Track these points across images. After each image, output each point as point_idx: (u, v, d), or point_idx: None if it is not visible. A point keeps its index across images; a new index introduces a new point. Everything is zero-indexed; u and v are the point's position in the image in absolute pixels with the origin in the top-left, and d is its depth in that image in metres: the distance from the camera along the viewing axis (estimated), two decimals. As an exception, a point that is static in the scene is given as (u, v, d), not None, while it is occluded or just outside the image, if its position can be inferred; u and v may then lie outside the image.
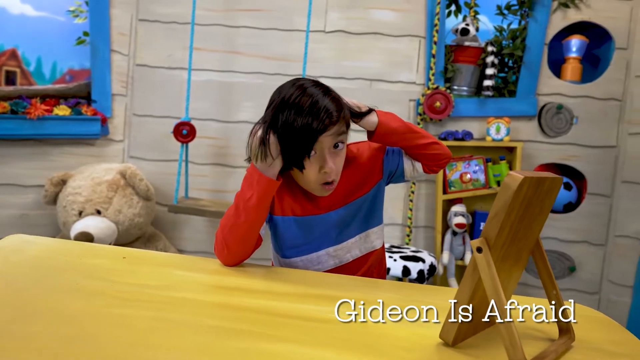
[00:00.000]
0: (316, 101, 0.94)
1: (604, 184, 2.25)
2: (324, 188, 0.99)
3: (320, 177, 0.97)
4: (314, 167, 0.96)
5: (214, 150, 2.37)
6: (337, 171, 0.99)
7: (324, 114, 0.93)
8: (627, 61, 2.20)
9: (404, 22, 2.28)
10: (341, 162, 0.99)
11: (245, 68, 2.34)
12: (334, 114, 0.94)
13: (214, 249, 0.99)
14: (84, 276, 0.80)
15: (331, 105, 0.94)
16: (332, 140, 0.96)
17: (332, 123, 0.93)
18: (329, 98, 0.95)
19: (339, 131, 0.96)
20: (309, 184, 1.00)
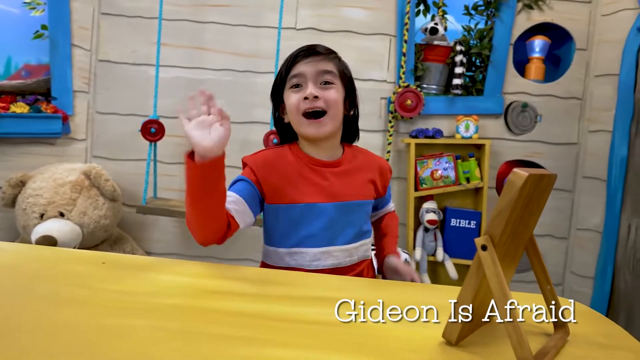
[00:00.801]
0: (312, 44, 1.04)
1: (566, 179, 2.33)
2: (310, 124, 0.99)
3: (302, 104, 0.98)
4: (298, 96, 1.00)
5: (183, 149, 2.30)
6: (326, 101, 0.99)
7: (310, 46, 1.02)
8: (587, 61, 2.29)
9: (374, 21, 2.28)
10: (331, 95, 0.99)
11: (214, 65, 2.28)
12: (320, 47, 1.01)
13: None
14: (64, 284, 0.76)
15: (321, 45, 1.02)
16: (314, 70, 0.99)
17: (314, 53, 1.00)
18: (324, 46, 1.04)
19: (325, 67, 1.00)
20: (294, 116, 1.01)
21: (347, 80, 1.05)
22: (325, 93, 0.99)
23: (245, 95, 2.29)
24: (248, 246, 2.32)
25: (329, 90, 1.00)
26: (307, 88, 0.99)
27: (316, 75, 0.99)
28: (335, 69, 1.02)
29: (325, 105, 0.99)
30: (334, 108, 1.00)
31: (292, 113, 1.02)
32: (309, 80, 0.99)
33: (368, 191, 1.09)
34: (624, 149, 2.14)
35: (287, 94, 1.04)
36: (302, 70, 1.00)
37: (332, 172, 1.06)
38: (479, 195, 2.27)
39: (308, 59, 0.99)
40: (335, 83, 1.01)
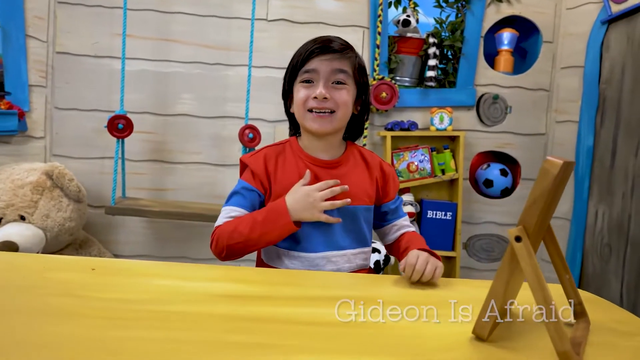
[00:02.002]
0: (327, 36, 1.00)
1: (535, 169, 2.39)
2: (313, 117, 0.97)
3: (310, 102, 0.96)
4: (308, 92, 0.96)
5: (151, 146, 2.20)
6: (335, 102, 0.97)
7: (324, 40, 0.98)
8: (553, 54, 2.35)
9: (347, 12, 2.25)
10: (342, 96, 0.97)
11: (182, 57, 2.19)
12: (336, 43, 0.97)
13: (210, 244, 0.99)
14: (53, 294, 0.68)
15: (337, 38, 0.98)
16: (328, 69, 0.96)
17: (331, 49, 0.96)
18: (341, 38, 0.99)
19: (339, 66, 0.96)
20: (299, 111, 0.99)
21: (361, 78, 1.02)
22: (335, 94, 0.97)
23: (217, 89, 2.21)
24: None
25: (339, 91, 0.97)
26: (318, 87, 0.96)
27: (329, 74, 0.96)
28: (349, 68, 0.98)
29: (334, 106, 0.97)
30: (342, 109, 0.98)
31: (297, 107, 1.00)
32: (321, 79, 0.96)
33: (367, 196, 1.04)
34: (590, 139, 2.21)
35: (297, 88, 1.00)
36: (316, 67, 0.96)
37: (332, 173, 1.03)
38: (454, 186, 2.29)
39: (323, 55, 0.96)
40: (348, 83, 0.99)
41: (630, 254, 2.03)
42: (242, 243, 0.96)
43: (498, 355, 0.60)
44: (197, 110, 2.21)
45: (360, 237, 1.04)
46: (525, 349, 0.62)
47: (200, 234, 2.24)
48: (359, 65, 1.01)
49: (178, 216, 1.90)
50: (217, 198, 2.22)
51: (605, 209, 2.16)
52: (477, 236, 2.39)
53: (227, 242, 0.97)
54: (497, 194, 2.38)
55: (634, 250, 2.01)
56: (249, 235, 0.95)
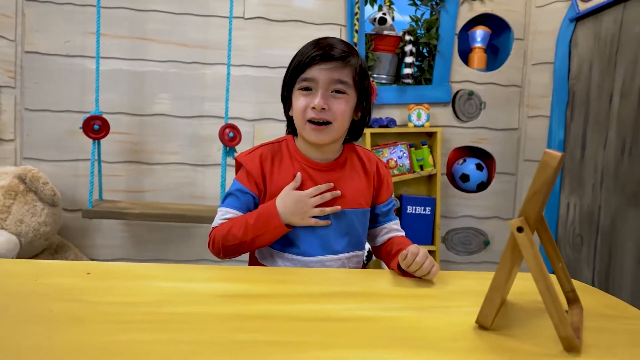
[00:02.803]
0: (325, 39, 0.97)
1: (509, 163, 2.46)
2: (312, 129, 0.96)
3: (309, 112, 0.95)
4: (306, 101, 0.95)
5: (127, 147, 2.16)
6: (333, 114, 0.95)
7: (326, 46, 0.94)
8: (524, 51, 2.42)
9: (324, 10, 2.26)
10: (340, 107, 0.96)
11: (158, 56, 2.15)
12: (338, 49, 0.94)
13: (208, 244, 0.99)
14: (54, 300, 0.67)
15: (339, 43, 0.95)
16: (327, 79, 0.94)
17: (331, 57, 0.93)
18: (343, 42, 0.96)
19: (339, 77, 0.94)
20: (298, 121, 0.98)
21: (362, 83, 0.99)
22: (334, 104, 0.95)
23: (194, 88, 2.18)
24: (203, 246, 2.21)
25: (338, 101, 0.95)
26: (316, 96, 0.94)
27: (328, 83, 0.94)
28: (349, 77, 0.96)
29: (331, 117, 0.95)
30: (339, 121, 0.97)
31: (296, 116, 0.98)
32: (320, 88, 0.94)
33: (364, 200, 1.04)
34: (560, 133, 2.29)
35: (296, 95, 0.98)
36: (315, 76, 0.94)
37: (328, 176, 1.02)
38: (432, 181, 2.33)
39: (324, 64, 0.93)
40: (347, 92, 0.97)
41: (601, 243, 2.12)
42: (236, 245, 0.96)
43: (503, 343, 0.61)
44: (175, 109, 2.18)
45: (355, 241, 1.04)
46: (527, 336, 0.64)
47: (180, 235, 2.21)
48: (361, 69, 0.98)
49: (159, 218, 1.87)
50: (197, 198, 2.19)
51: (577, 200, 2.24)
52: (455, 230, 2.44)
53: (222, 244, 0.97)
54: (474, 188, 2.43)
55: (604, 240, 2.09)
56: (242, 238, 0.95)
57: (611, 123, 2.10)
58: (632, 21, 2.02)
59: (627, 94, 2.03)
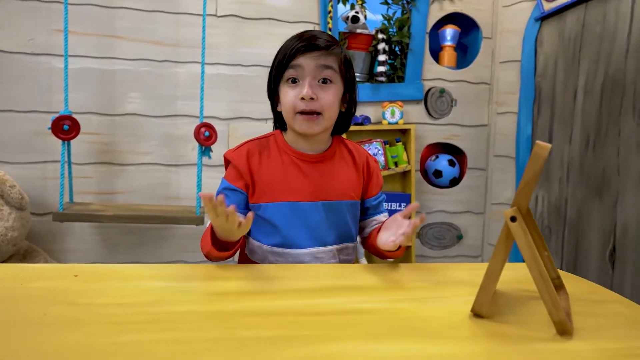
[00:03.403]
0: (310, 31, 0.98)
1: (480, 159, 2.52)
2: (303, 119, 0.96)
3: (298, 103, 0.94)
4: (295, 93, 0.95)
5: (98, 148, 2.10)
6: (321, 104, 0.95)
7: (310, 37, 0.95)
8: (492, 49, 2.49)
9: (297, 8, 2.26)
10: (328, 97, 0.96)
11: (128, 54, 2.10)
12: (321, 39, 0.95)
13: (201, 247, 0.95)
14: (45, 303, 0.64)
15: (322, 34, 0.96)
16: (314, 65, 0.94)
17: (316, 47, 0.94)
18: (326, 33, 0.97)
19: (326, 63, 0.95)
20: (288, 113, 0.97)
21: (347, 72, 1.00)
22: (321, 95, 0.95)
23: (166, 87, 2.14)
24: (181, 247, 2.19)
25: (326, 90, 0.95)
26: (304, 86, 0.94)
27: (315, 71, 0.94)
28: (335, 64, 0.96)
29: (320, 108, 0.95)
30: (328, 111, 0.97)
31: (286, 109, 0.98)
32: (307, 76, 0.94)
33: (353, 191, 1.05)
34: (528, 128, 2.37)
35: (283, 88, 0.98)
36: (301, 63, 0.94)
37: (317, 168, 1.02)
38: (406, 178, 2.37)
39: (309, 53, 0.94)
40: (334, 80, 0.97)
41: (568, 234, 2.20)
42: (206, 255, 0.95)
43: (499, 329, 0.63)
44: (146, 109, 2.13)
45: (346, 233, 1.05)
46: (521, 322, 0.66)
47: (154, 237, 2.17)
48: (345, 60, 1.00)
49: (134, 219, 1.82)
50: (171, 199, 2.16)
51: (545, 193, 2.32)
52: (429, 225, 2.48)
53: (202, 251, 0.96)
54: (446, 183, 2.48)
55: (571, 231, 2.18)
56: (207, 250, 0.93)
57: (576, 119, 2.19)
58: (593, 21, 2.10)
59: (590, 91, 2.12)
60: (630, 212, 1.94)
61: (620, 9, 1.99)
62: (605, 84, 2.05)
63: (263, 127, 2.22)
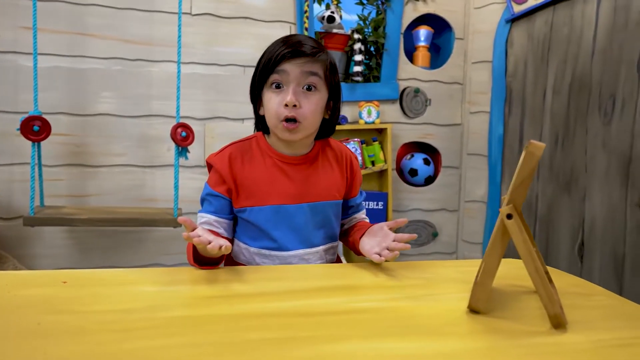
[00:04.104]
0: (296, 36, 0.97)
1: (453, 157, 2.57)
2: (285, 127, 0.95)
3: (281, 110, 0.94)
4: (279, 99, 0.94)
5: (68, 149, 2.03)
6: (304, 113, 0.94)
7: (295, 42, 0.94)
8: (465, 50, 2.54)
9: (273, 8, 2.24)
10: (310, 106, 0.95)
11: (99, 53, 2.04)
12: (307, 45, 0.94)
13: None
14: (38, 312, 0.62)
15: (308, 40, 0.95)
16: (299, 71, 0.94)
17: (302, 53, 0.93)
18: (311, 39, 0.96)
19: (311, 69, 0.94)
20: (272, 120, 0.97)
21: (332, 79, 0.99)
22: (305, 102, 0.94)
23: (140, 86, 2.09)
24: (156, 251, 2.14)
25: (309, 98, 0.95)
26: (288, 93, 0.93)
27: (300, 77, 0.94)
28: (321, 70, 0.95)
29: (301, 117, 0.94)
30: (309, 120, 0.96)
31: (270, 115, 0.97)
32: (291, 82, 0.94)
33: (337, 191, 1.05)
34: (500, 128, 2.43)
35: (267, 94, 0.97)
36: (286, 69, 0.93)
37: (301, 170, 1.02)
38: (383, 177, 2.39)
39: (295, 59, 0.93)
40: (319, 88, 0.96)
41: (539, 229, 2.27)
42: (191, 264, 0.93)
43: (497, 324, 0.65)
44: (119, 109, 2.08)
45: (330, 233, 1.05)
46: (516, 317, 0.68)
47: (129, 240, 2.12)
48: (331, 66, 0.99)
49: (109, 222, 1.78)
50: (146, 201, 2.11)
51: (516, 190, 2.39)
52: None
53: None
54: (422, 182, 2.52)
55: (542, 226, 2.25)
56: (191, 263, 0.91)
57: (545, 117, 2.26)
58: (561, 23, 2.18)
59: (559, 91, 2.19)
60: (597, 207, 2.02)
61: (586, 13, 2.07)
62: (573, 85, 2.13)
63: (239, 127, 2.20)
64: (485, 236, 2.50)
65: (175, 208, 1.87)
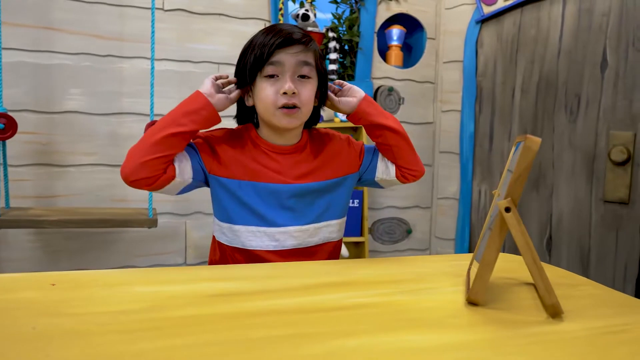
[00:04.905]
0: (282, 25, 0.98)
1: (426, 155, 2.61)
2: (283, 113, 0.96)
3: (279, 98, 0.95)
4: (274, 88, 0.95)
5: (35, 148, 1.95)
6: (302, 99, 0.96)
7: (286, 32, 0.96)
8: (436, 49, 2.59)
9: (248, 4, 2.22)
10: (307, 93, 0.97)
11: (68, 48, 1.97)
12: (298, 34, 0.96)
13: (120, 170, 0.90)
14: (31, 315, 0.59)
15: (297, 30, 0.97)
16: (294, 61, 0.95)
17: (294, 42, 0.95)
18: (296, 27, 0.99)
19: (304, 59, 0.96)
20: (268, 109, 0.97)
21: (321, 67, 1.02)
22: (301, 89, 0.97)
23: (111, 83, 2.03)
24: (129, 252, 2.09)
25: (305, 85, 0.97)
26: (285, 81, 0.95)
27: (295, 66, 0.96)
28: (313, 59, 0.98)
29: (300, 103, 0.97)
30: (307, 106, 0.99)
31: (265, 104, 0.98)
32: (287, 72, 0.96)
33: (332, 171, 1.06)
34: (471, 126, 2.49)
35: (261, 84, 0.98)
36: (281, 60, 0.95)
37: (293, 159, 1.04)
38: (358, 175, 2.41)
39: (289, 48, 0.95)
40: (312, 77, 0.99)
41: (509, 224, 2.33)
42: (157, 141, 0.90)
43: (496, 315, 0.67)
44: (89, 106, 2.01)
45: (326, 211, 1.05)
46: (513, 308, 0.70)
47: (100, 242, 2.05)
48: (320, 55, 1.03)
49: (81, 224, 1.71)
50: (118, 202, 2.05)
51: (487, 187, 2.45)
52: (380, 220, 2.54)
53: (140, 148, 0.91)
54: (396, 179, 2.55)
55: (513, 221, 2.31)
56: (166, 124, 0.93)
57: (514, 116, 2.33)
58: (528, 24, 2.25)
59: (527, 90, 2.26)
60: (564, 202, 2.10)
61: (552, 15, 2.15)
62: (540, 84, 2.20)
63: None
64: (457, 232, 2.56)
65: (150, 208, 1.82)
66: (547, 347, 0.56)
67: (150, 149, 0.90)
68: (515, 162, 0.67)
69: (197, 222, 2.15)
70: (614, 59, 1.93)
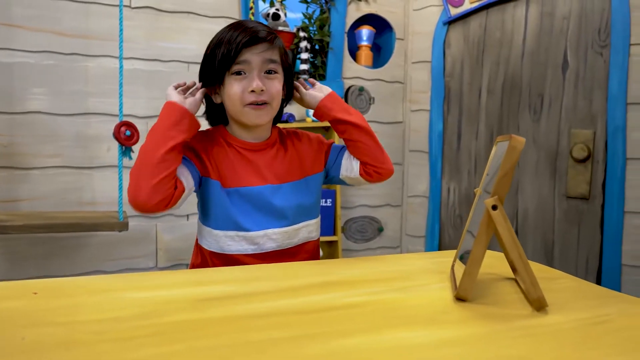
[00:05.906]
0: (247, 22, 0.99)
1: (396, 154, 2.65)
2: (252, 110, 0.97)
3: (247, 96, 0.96)
4: (242, 86, 0.96)
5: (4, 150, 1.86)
6: (270, 94, 0.98)
7: (252, 30, 0.96)
8: (405, 50, 2.63)
9: (217, 3, 2.19)
10: (275, 88, 0.99)
11: (29, 46, 1.89)
12: (263, 32, 0.97)
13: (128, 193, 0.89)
14: (18, 326, 0.57)
15: (262, 27, 0.98)
16: (260, 59, 0.97)
17: (260, 40, 0.96)
18: (261, 24, 1.00)
19: (270, 56, 0.98)
20: (236, 106, 0.98)
21: (286, 62, 1.04)
22: (269, 85, 0.98)
23: (75, 82, 1.96)
24: (97, 257, 2.02)
25: (272, 81, 0.99)
26: (253, 79, 0.96)
27: (262, 64, 0.98)
28: (278, 56, 1.00)
29: (269, 98, 0.99)
30: (276, 100, 1.01)
31: (233, 102, 0.99)
32: (254, 69, 0.97)
33: (300, 170, 1.07)
34: (439, 125, 2.54)
35: (229, 81, 0.98)
36: (248, 59, 0.96)
37: (264, 155, 1.05)
38: (331, 174, 2.42)
39: (254, 47, 0.96)
40: (278, 72, 1.01)
41: (477, 221, 2.40)
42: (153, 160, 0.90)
43: (485, 310, 0.69)
44: (53, 106, 1.94)
45: (301, 211, 1.06)
46: (499, 303, 0.72)
47: (67, 246, 1.98)
48: (284, 49, 1.04)
49: (48, 229, 1.65)
50: (86, 205, 1.99)
51: (456, 185, 2.51)
52: (352, 219, 2.56)
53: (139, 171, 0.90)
54: (367, 178, 2.57)
55: (481, 218, 2.38)
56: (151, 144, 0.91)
57: (481, 115, 2.40)
58: (493, 27, 2.32)
59: (493, 91, 2.33)
60: (529, 199, 2.18)
61: (516, 17, 2.22)
62: (505, 84, 2.27)
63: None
64: (427, 229, 2.61)
65: (120, 211, 1.78)
66: (539, 340, 0.58)
67: (155, 170, 0.89)
68: (500, 161, 0.69)
69: (168, 225, 2.11)
70: (574, 61, 2.01)
